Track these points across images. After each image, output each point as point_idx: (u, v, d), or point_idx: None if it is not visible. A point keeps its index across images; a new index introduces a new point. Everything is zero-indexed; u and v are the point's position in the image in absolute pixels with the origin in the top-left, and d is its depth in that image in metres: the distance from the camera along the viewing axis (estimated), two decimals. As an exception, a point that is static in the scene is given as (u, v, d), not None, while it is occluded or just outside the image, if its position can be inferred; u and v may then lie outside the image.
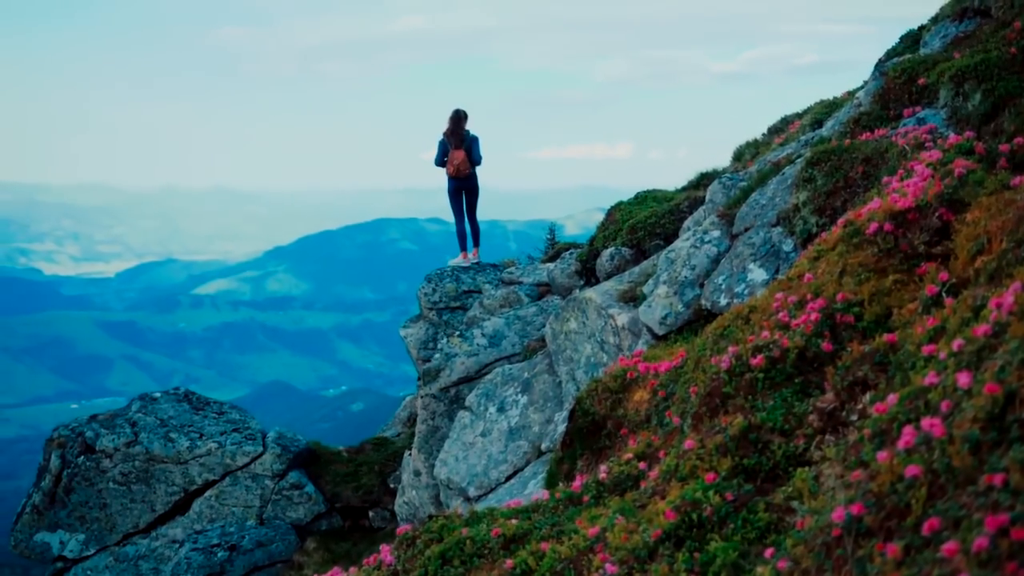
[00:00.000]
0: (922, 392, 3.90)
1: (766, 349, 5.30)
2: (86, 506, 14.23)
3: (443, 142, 14.92)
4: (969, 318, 4.33)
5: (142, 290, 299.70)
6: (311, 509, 14.08)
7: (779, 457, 4.69)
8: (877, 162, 6.86)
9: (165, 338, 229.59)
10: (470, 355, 10.82)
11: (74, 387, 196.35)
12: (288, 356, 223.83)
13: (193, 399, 15.35)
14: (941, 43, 8.31)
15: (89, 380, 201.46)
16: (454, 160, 14.88)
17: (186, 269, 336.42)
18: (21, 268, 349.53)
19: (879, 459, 3.60)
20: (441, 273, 14.80)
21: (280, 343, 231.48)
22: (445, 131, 14.92)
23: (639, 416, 6.46)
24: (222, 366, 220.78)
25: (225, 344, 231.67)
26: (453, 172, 14.95)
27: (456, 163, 14.86)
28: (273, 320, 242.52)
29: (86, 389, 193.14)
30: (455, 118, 14.86)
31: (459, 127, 14.86)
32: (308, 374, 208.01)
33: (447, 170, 14.99)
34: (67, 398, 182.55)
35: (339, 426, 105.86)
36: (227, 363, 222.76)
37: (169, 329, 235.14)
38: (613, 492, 5.49)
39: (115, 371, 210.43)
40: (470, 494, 9.00)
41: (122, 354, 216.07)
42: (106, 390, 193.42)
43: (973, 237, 5.07)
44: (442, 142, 14.94)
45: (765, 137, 12.36)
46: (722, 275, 7.60)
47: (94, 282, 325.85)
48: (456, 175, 14.98)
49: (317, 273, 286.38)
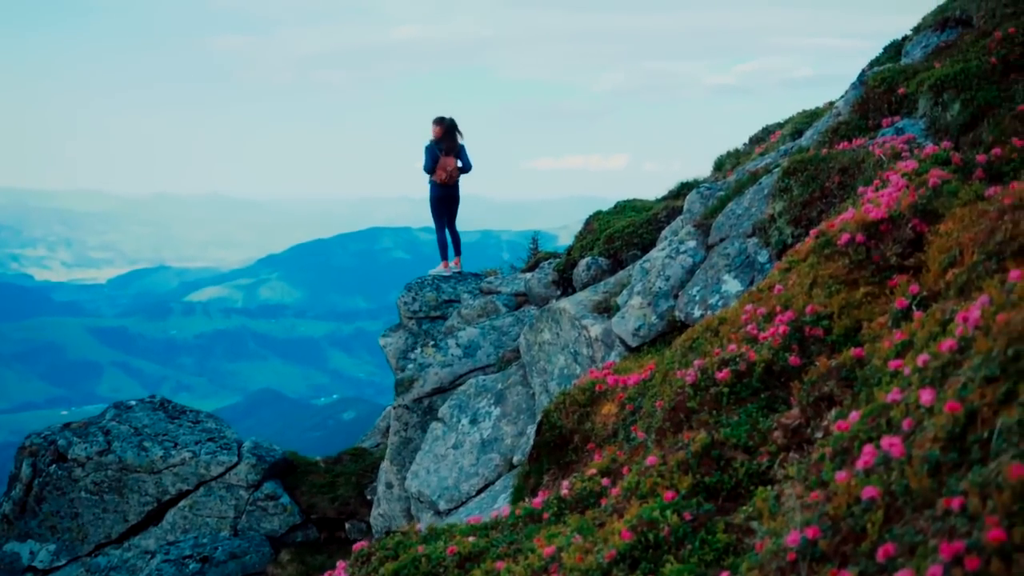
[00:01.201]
0: (885, 409, 3.75)
1: (732, 363, 5.14)
2: (57, 516, 13.99)
3: (432, 148, 14.69)
4: (937, 332, 4.18)
5: (134, 297, 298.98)
6: (286, 520, 13.85)
7: (741, 475, 4.53)
8: (854, 172, 6.71)
9: (156, 345, 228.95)
10: (444, 365, 10.63)
11: (64, 393, 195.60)
12: (279, 364, 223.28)
13: (169, 408, 15.12)
14: (922, 53, 8.17)
15: (80, 386, 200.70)
16: (446, 167, 14.66)
17: (178, 276, 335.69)
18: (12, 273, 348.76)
19: (837, 480, 3.45)
20: (422, 282, 14.61)
21: (272, 351, 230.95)
22: (434, 137, 14.69)
23: (606, 430, 6.29)
24: (213, 373, 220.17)
25: (216, 351, 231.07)
26: (445, 179, 14.72)
27: (449, 170, 14.67)
28: (265, 328, 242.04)
29: (76, 395, 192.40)
30: (450, 125, 14.66)
31: (452, 134, 14.68)
32: (299, 382, 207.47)
33: (437, 177, 14.74)
34: (57, 404, 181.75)
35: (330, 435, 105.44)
36: (218, 371, 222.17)
37: (160, 336, 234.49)
38: (575, 509, 5.31)
39: (106, 378, 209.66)
40: (440, 508, 8.80)
41: (113, 361, 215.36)
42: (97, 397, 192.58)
43: (945, 249, 4.92)
44: (431, 148, 14.70)
45: (746, 147, 12.21)
46: (696, 286, 7.44)
47: (86, 288, 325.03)
48: (447, 182, 14.78)
49: (310, 281, 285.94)
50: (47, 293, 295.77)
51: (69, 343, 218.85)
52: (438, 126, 14.69)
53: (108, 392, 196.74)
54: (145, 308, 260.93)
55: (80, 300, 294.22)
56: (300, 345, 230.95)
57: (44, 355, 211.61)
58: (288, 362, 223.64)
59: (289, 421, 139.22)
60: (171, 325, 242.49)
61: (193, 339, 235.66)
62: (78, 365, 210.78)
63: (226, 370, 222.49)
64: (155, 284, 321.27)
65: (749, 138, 12.66)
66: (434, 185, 14.84)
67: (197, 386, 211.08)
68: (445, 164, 14.62)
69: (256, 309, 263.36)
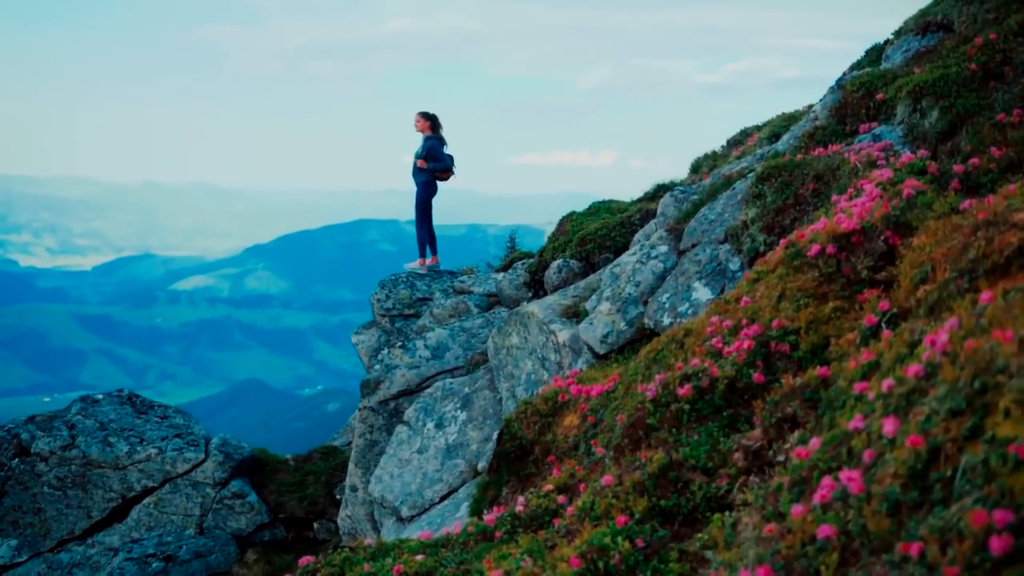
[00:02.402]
0: (846, 437, 3.55)
1: (695, 378, 4.93)
2: (19, 511, 13.70)
3: (439, 144, 14.38)
4: (904, 354, 3.98)
5: (119, 284, 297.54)
6: (253, 519, 13.60)
7: (699, 499, 4.32)
8: (828, 179, 6.50)
9: (141, 333, 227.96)
10: (411, 367, 10.38)
11: (47, 380, 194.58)
12: (264, 354, 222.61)
13: (136, 402, 14.83)
14: (903, 57, 7.97)
15: (63, 373, 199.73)
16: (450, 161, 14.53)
17: (164, 264, 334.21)
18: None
19: (793, 514, 3.25)
20: (395, 279, 14.36)
21: (257, 341, 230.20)
22: (427, 132, 14.38)
23: (567, 443, 6.07)
24: (197, 362, 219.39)
25: (201, 340, 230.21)
26: (445, 176, 14.55)
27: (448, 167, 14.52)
28: (250, 318, 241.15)
29: (60, 382, 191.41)
30: (436, 121, 14.42)
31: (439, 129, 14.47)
32: (284, 373, 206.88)
33: (442, 175, 14.54)
34: (40, 391, 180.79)
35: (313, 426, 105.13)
36: (203, 360, 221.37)
37: (145, 324, 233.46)
38: (529, 527, 5.09)
39: (89, 365, 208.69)
40: (403, 514, 8.57)
41: (97, 348, 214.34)
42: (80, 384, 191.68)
43: (917, 264, 4.72)
44: (437, 144, 14.38)
45: (724, 149, 11.98)
46: (666, 293, 7.22)
47: (70, 275, 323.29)
48: (445, 179, 14.60)
49: (296, 272, 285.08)
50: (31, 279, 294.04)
51: (53, 330, 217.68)
52: (429, 120, 14.41)
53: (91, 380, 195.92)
54: (130, 296, 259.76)
55: (65, 287, 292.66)
56: (285, 335, 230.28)
57: (27, 341, 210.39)
58: (273, 352, 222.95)
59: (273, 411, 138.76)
60: (156, 313, 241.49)
61: (178, 328, 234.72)
62: (62, 352, 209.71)
63: (211, 359, 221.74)
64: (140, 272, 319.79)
65: (727, 140, 12.44)
66: (431, 182, 14.57)
67: (181, 375, 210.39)
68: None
69: (242, 299, 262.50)
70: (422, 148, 14.46)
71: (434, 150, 14.39)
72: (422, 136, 14.58)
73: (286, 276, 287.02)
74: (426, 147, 14.38)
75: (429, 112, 14.50)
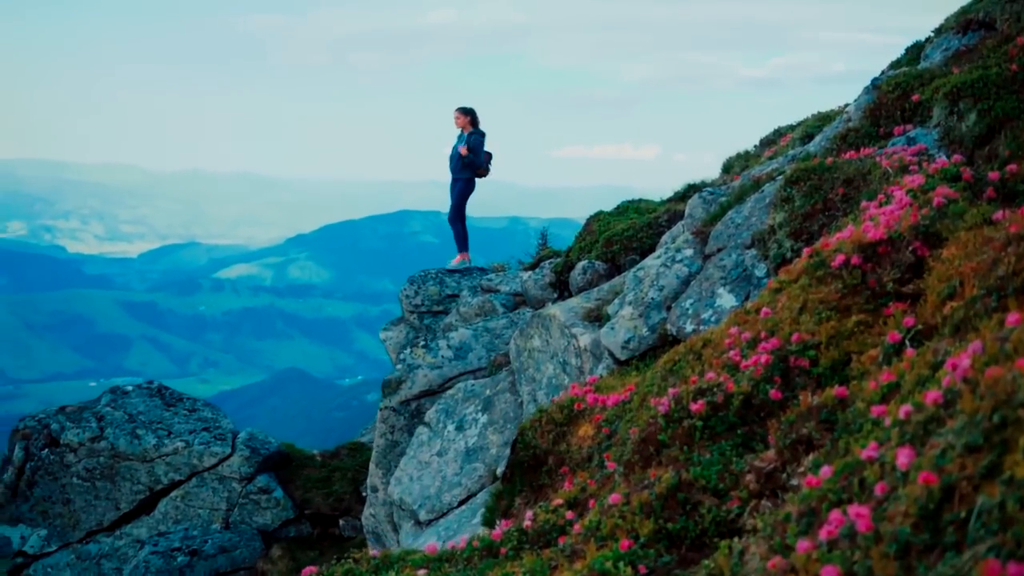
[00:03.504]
0: (859, 467, 3.35)
1: (709, 393, 4.72)
2: (49, 501, 13.77)
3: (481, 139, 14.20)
4: (926, 376, 3.77)
5: (164, 272, 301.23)
6: (279, 515, 13.56)
7: (708, 522, 4.13)
8: (859, 184, 6.25)
9: (185, 320, 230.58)
10: (433, 367, 10.23)
11: (93, 365, 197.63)
12: (306, 344, 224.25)
13: (166, 394, 14.85)
14: (942, 56, 7.66)
15: (108, 359, 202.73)
16: (485, 158, 14.36)
17: (208, 252, 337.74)
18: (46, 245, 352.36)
19: (799, 549, 3.06)
20: (425, 275, 14.23)
21: (298, 330, 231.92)
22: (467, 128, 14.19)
23: (581, 454, 5.89)
24: (240, 351, 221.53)
25: (244, 329, 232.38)
26: (481, 174, 14.41)
27: (486, 160, 14.36)
28: (292, 307, 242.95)
29: (105, 368, 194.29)
30: (476, 116, 14.25)
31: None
32: (325, 362, 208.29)
33: (478, 171, 14.40)
34: (86, 376, 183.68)
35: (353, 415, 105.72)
36: (245, 348, 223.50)
37: (189, 312, 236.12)
38: (535, 543, 4.92)
39: (134, 351, 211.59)
40: (421, 518, 8.43)
41: (142, 334, 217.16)
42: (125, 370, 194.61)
43: (945, 278, 4.48)
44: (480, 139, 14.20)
45: (756, 149, 11.68)
46: (690, 299, 7.01)
47: (117, 262, 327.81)
48: (481, 176, 14.46)
49: (338, 262, 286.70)
50: (79, 265, 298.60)
51: (99, 316, 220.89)
52: (468, 116, 14.21)
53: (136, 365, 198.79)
54: (175, 283, 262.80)
55: (111, 273, 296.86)
56: (327, 325, 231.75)
57: (74, 327, 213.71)
58: (314, 342, 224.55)
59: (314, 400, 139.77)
60: (200, 301, 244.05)
61: (221, 316, 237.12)
62: (107, 338, 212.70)
63: (253, 348, 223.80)
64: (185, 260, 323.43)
65: (760, 140, 12.13)
66: (472, 178, 14.41)
67: (224, 362, 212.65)
68: (484, 156, 14.29)
69: (284, 288, 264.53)
70: (464, 142, 14.24)
71: (477, 145, 14.21)
72: (460, 131, 14.40)
73: (328, 266, 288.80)
74: (469, 141, 14.18)
75: (467, 107, 14.31)
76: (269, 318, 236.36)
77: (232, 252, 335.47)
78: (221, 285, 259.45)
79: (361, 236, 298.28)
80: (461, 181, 14.43)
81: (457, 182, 14.49)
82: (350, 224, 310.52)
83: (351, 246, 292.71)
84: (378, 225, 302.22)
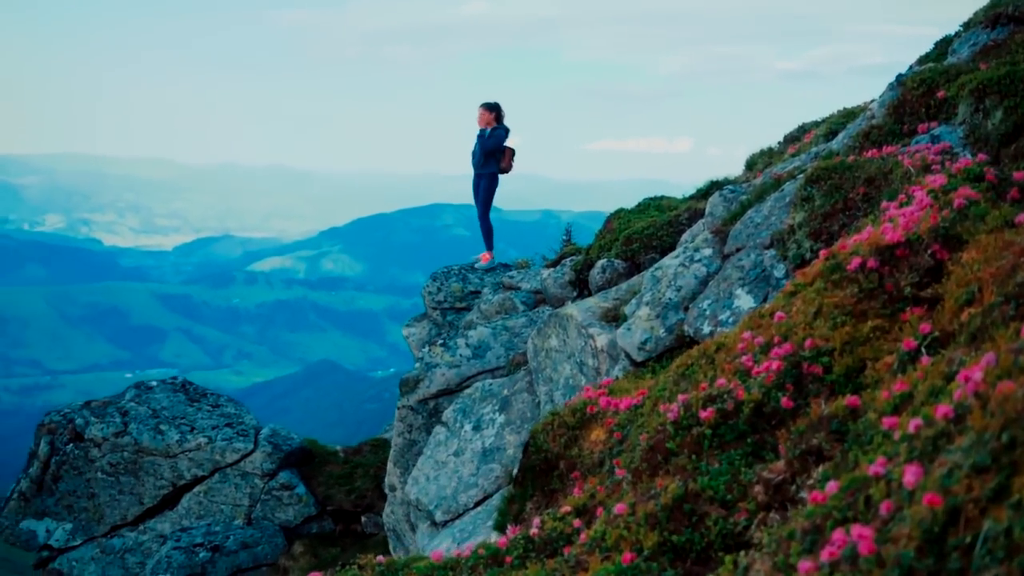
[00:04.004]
0: (865, 483, 3.22)
1: (719, 400, 4.59)
2: (74, 495, 13.85)
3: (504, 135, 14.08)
4: (940, 387, 3.63)
5: (198, 264, 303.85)
6: (301, 511, 13.55)
7: (714, 535, 4.01)
8: (880, 183, 6.08)
9: (219, 313, 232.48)
10: (451, 366, 10.14)
11: (129, 357, 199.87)
12: (338, 336, 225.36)
13: (190, 390, 14.89)
14: (970, 52, 7.45)
15: (144, 351, 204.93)
16: (508, 154, 14.20)
17: (242, 245, 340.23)
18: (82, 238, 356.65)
19: (801, 569, 2.94)
20: (448, 271, 14.13)
21: (331, 323, 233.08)
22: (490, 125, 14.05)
23: (592, 459, 5.77)
24: (273, 343, 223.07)
25: (277, 321, 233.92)
26: (507, 166, 14.26)
27: (509, 156, 14.21)
28: (325, 300, 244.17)
29: (140, 359, 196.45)
30: (500, 111, 14.10)
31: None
32: (357, 355, 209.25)
33: (503, 164, 14.23)
34: (121, 367, 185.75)
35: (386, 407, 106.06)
36: (278, 340, 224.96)
37: (223, 304, 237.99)
38: (541, 552, 4.81)
39: (169, 343, 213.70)
40: (437, 519, 8.35)
41: (177, 327, 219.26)
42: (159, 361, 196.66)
43: (964, 283, 4.32)
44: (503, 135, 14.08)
45: (780, 145, 11.46)
46: (708, 299, 6.87)
47: (152, 254, 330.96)
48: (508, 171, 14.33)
49: (371, 255, 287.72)
50: (115, 258, 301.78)
51: (135, 308, 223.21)
52: (493, 112, 14.05)
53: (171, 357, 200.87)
54: (209, 276, 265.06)
55: (146, 266, 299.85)
56: (359, 318, 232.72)
57: (110, 319, 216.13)
58: (347, 334, 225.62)
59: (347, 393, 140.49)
60: (234, 293, 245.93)
61: (255, 308, 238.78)
62: (143, 330, 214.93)
63: (286, 340, 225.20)
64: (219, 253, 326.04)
65: (784, 136, 11.91)
66: (496, 174, 14.26)
67: (258, 355, 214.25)
68: (508, 152, 14.15)
69: (317, 281, 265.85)
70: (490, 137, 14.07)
71: (500, 141, 14.06)
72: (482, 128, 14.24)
73: (361, 259, 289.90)
74: (496, 137, 14.02)
75: (492, 103, 14.14)
76: (302, 310, 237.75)
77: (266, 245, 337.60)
78: (255, 278, 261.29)
79: (393, 229, 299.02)
80: (485, 177, 14.29)
81: (481, 178, 14.34)
82: (383, 217, 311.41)
83: (384, 239, 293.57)
84: (410, 218, 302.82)
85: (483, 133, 14.10)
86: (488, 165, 14.12)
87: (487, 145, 13.89)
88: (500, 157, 14.07)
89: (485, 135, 14.05)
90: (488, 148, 13.93)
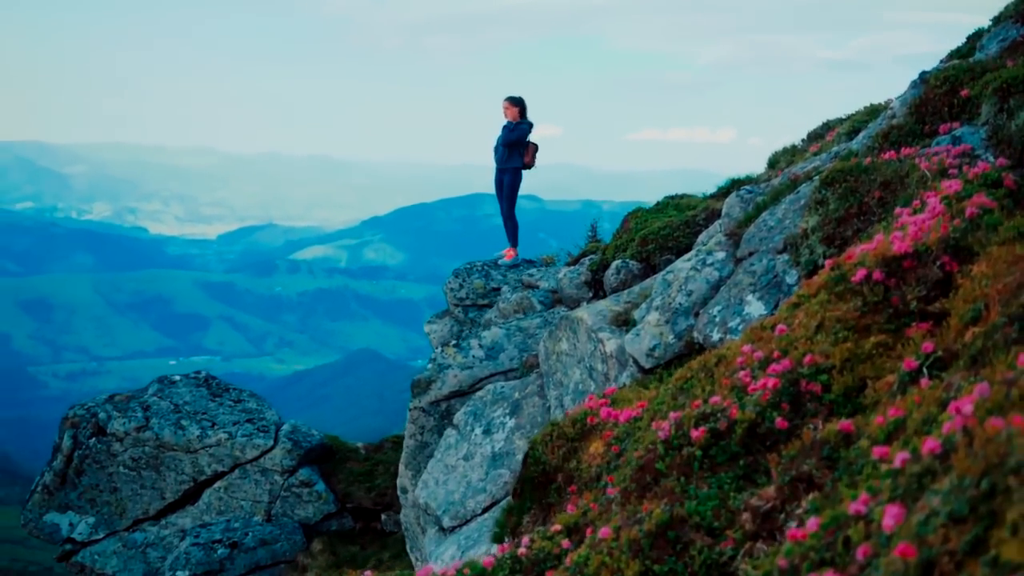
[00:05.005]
0: (845, 523, 3.04)
1: (712, 419, 4.38)
2: (96, 489, 13.88)
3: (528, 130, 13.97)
4: (934, 415, 3.42)
5: (241, 253, 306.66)
6: (320, 508, 13.47)
7: (698, 565, 3.81)
8: (896, 187, 5.81)
9: (261, 301, 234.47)
10: (464, 367, 9.96)
11: (173, 344, 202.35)
12: (379, 325, 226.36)
13: (212, 384, 14.86)
14: (998, 47, 7.13)
15: (188, 338, 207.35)
16: (531, 149, 14.07)
17: (285, 234, 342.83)
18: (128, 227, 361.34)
19: (775, 615, 2.76)
20: (470, 267, 13.97)
21: (372, 311, 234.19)
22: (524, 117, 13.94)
23: (590, 473, 5.58)
24: (315, 331, 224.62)
25: (319, 310, 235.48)
26: (531, 161, 14.13)
27: (532, 152, 14.08)
28: (366, 289, 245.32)
29: (184, 346, 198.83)
30: (524, 105, 13.98)
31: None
32: (398, 344, 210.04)
33: (526, 159, 14.11)
34: (166, 354, 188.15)
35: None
36: (320, 329, 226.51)
37: (266, 292, 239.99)
38: (528, 573, 4.63)
39: (212, 330, 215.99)
40: (444, 524, 8.19)
41: (220, 314, 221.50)
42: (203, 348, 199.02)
43: (971, 299, 4.08)
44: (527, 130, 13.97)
45: (804, 143, 11.13)
46: (718, 305, 6.63)
47: (196, 243, 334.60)
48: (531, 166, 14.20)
49: (412, 244, 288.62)
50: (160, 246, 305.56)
51: (179, 296, 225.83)
52: (518, 106, 13.93)
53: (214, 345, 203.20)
54: (252, 265, 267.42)
55: (191, 254, 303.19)
56: (400, 307, 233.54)
57: (155, 306, 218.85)
58: (388, 323, 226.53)
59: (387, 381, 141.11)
60: (276, 282, 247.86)
61: (297, 296, 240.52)
62: (187, 317, 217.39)
63: (327, 328, 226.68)
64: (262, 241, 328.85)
65: (808, 133, 11.56)
66: (520, 169, 14.13)
67: (299, 343, 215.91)
68: (532, 147, 14.03)
69: (358, 270, 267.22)
70: (514, 131, 13.92)
71: (524, 135, 13.94)
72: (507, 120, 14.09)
73: (402, 248, 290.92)
74: (520, 131, 13.88)
75: (517, 96, 14.01)
76: (343, 299, 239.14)
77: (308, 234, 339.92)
78: (297, 266, 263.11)
79: (434, 219, 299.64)
80: (509, 173, 14.13)
81: (504, 173, 14.18)
82: (423, 207, 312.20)
83: (424, 228, 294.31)
84: (451, 208, 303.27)
85: (509, 126, 13.97)
86: (511, 160, 13.97)
87: (509, 138, 13.76)
88: (523, 152, 13.93)
89: (510, 127, 13.92)
90: (510, 141, 13.80)
